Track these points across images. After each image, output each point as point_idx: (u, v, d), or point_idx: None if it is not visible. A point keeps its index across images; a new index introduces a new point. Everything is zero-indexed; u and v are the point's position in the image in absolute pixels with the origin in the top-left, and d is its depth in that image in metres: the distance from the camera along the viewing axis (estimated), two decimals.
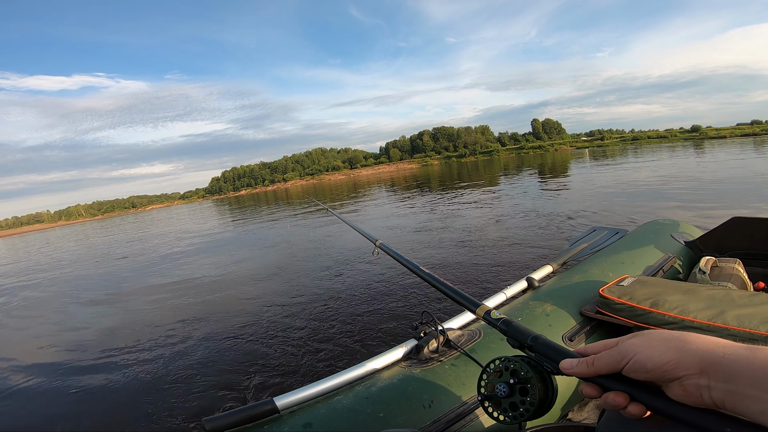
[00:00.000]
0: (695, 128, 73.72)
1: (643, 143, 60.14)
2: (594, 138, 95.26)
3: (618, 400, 0.44)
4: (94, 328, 4.40)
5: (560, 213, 6.90)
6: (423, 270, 1.07)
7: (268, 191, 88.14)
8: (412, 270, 1.14)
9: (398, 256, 1.28)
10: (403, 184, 25.15)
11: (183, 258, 8.44)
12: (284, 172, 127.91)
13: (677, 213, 5.75)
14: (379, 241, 1.63)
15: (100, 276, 8.12)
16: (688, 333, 0.43)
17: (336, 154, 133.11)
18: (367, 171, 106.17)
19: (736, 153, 16.69)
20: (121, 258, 10.44)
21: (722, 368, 0.37)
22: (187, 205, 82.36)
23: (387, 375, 1.09)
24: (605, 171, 15.09)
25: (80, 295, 6.45)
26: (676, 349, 0.41)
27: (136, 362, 3.19)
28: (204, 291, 5.22)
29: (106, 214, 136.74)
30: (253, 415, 0.93)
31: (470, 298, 0.86)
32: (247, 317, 3.80)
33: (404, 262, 1.22)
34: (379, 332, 2.97)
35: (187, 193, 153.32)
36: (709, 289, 1.24)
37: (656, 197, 7.50)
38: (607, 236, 2.08)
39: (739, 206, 5.80)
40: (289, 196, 37.14)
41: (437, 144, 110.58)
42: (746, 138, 40.43)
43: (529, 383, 0.57)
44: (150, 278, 6.83)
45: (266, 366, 2.73)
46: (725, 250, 1.82)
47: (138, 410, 2.45)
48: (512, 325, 0.66)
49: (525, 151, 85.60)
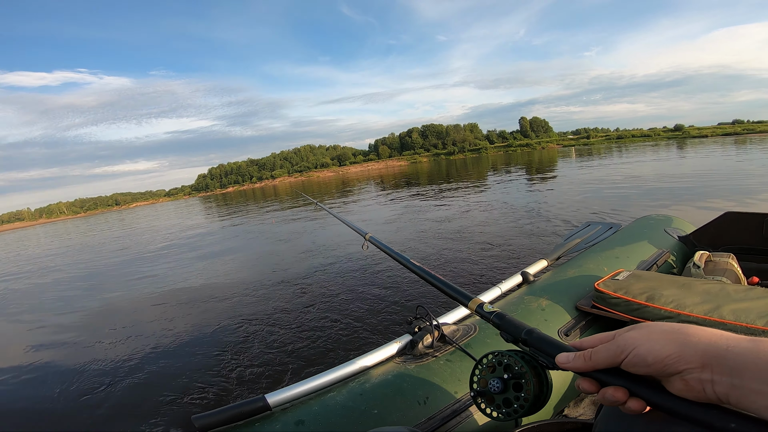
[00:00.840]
0: (678, 127, 75.26)
1: (628, 142, 61.14)
2: (580, 136, 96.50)
3: (617, 396, 0.43)
4: (73, 326, 4.29)
5: (547, 209, 6.97)
6: (413, 263, 1.05)
7: (256, 188, 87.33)
8: (402, 263, 1.12)
9: (388, 249, 1.26)
10: (393, 181, 25.16)
11: (170, 255, 8.30)
12: (272, 169, 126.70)
13: (658, 209, 5.85)
14: (369, 234, 1.61)
15: (80, 277, 7.94)
16: (690, 325, 0.41)
17: (325, 151, 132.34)
18: (356, 168, 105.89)
19: (713, 151, 17.10)
20: (115, 251, 10.22)
21: (726, 362, 0.36)
22: (173, 203, 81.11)
23: (381, 371, 1.07)
24: (591, 169, 15.32)
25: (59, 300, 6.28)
26: (677, 341, 0.39)
27: (121, 361, 3.12)
28: (190, 289, 5.14)
29: (89, 212, 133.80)
30: (243, 412, 0.90)
31: (462, 291, 0.84)
32: (236, 315, 3.75)
33: (394, 255, 1.20)
34: (373, 327, 2.96)
35: (173, 190, 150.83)
36: (704, 283, 1.24)
37: (641, 194, 7.65)
38: (601, 231, 2.09)
39: (716, 200, 5.94)
40: (277, 193, 36.86)
41: (426, 141, 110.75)
42: (728, 137, 41.44)
43: (523, 378, 0.55)
44: (133, 276, 6.69)
45: (256, 363, 2.70)
46: (719, 245, 1.84)
47: (126, 409, 2.41)
48: (505, 318, 0.64)
49: (513, 149, 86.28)
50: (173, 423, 2.18)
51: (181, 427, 2.14)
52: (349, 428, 0.88)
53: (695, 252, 1.63)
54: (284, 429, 0.87)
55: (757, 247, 1.76)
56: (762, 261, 1.75)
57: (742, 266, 1.60)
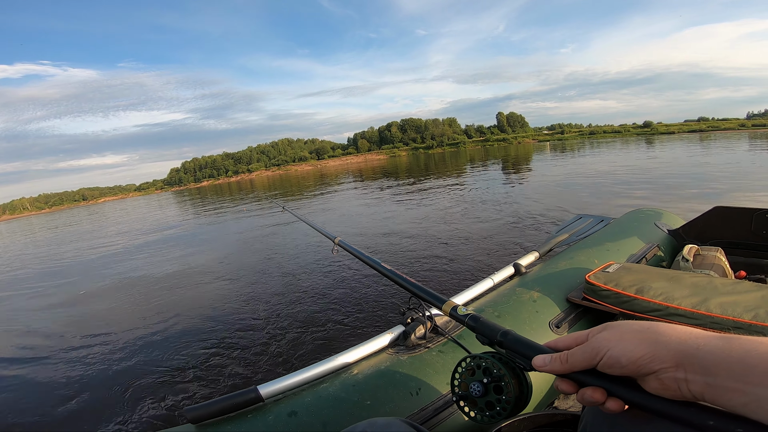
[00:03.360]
0: (647, 124, 78.16)
1: (599, 137, 63.17)
2: (555, 132, 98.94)
3: (595, 396, 0.43)
4: (56, 325, 4.11)
5: (525, 203, 7.11)
6: (384, 266, 1.04)
7: (232, 182, 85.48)
8: (373, 267, 1.12)
9: (358, 253, 1.25)
10: (371, 175, 25.10)
11: (149, 249, 8.02)
12: (249, 162, 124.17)
13: (635, 201, 6.07)
14: (338, 238, 1.60)
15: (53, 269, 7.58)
16: (661, 323, 0.41)
17: (303, 145, 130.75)
18: (335, 162, 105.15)
19: (678, 147, 17.88)
20: (88, 248, 9.80)
21: (698, 360, 0.36)
22: (144, 197, 78.47)
23: (374, 362, 1.06)
24: (565, 163, 15.75)
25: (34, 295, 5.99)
26: (649, 341, 0.39)
27: (110, 354, 3.06)
28: (175, 282, 4.99)
29: (54, 207, 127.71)
30: (236, 403, 0.89)
31: (435, 294, 0.83)
32: (228, 307, 3.70)
33: (365, 260, 1.19)
34: (365, 318, 2.96)
35: (144, 184, 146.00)
36: (692, 276, 1.26)
37: (615, 187, 7.93)
38: (592, 224, 2.11)
39: (688, 194, 6.23)
40: (254, 187, 36.17)
41: (405, 135, 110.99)
42: (693, 134, 43.30)
43: (502, 381, 0.55)
44: (110, 272, 6.44)
45: (248, 355, 2.68)
46: (707, 239, 1.87)
47: (118, 402, 2.37)
48: (480, 321, 0.63)
49: (490, 144, 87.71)
50: (166, 415, 2.15)
51: (173, 418, 2.11)
52: (342, 419, 0.88)
53: (684, 245, 1.64)
54: (277, 420, 0.86)
55: (745, 242, 1.79)
56: (750, 255, 1.79)
57: (729, 260, 1.63)
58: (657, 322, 0.42)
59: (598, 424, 0.51)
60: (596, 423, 0.51)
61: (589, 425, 0.53)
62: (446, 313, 0.74)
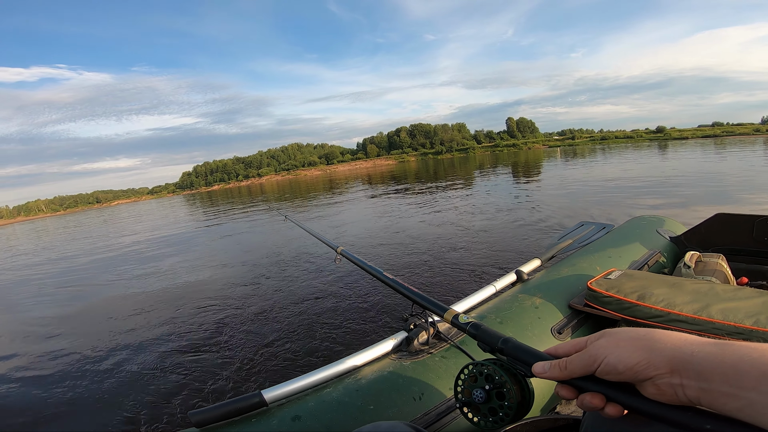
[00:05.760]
0: (660, 129, 76.97)
1: (611, 143, 62.47)
2: (565, 137, 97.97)
3: (595, 402, 0.44)
4: (57, 326, 4.19)
5: (537, 208, 7.07)
6: (386, 275, 1.05)
7: (242, 186, 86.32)
8: (376, 276, 1.13)
9: (361, 263, 1.26)
10: (381, 180, 25.15)
11: (158, 252, 8.14)
12: (259, 167, 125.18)
13: (645, 209, 5.99)
14: (341, 248, 1.61)
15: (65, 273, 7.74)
16: (656, 330, 0.42)
17: (312, 150, 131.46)
18: (344, 167, 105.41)
19: (695, 153, 17.58)
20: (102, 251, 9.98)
21: (693, 366, 0.37)
22: (157, 201, 79.56)
23: (377, 367, 1.07)
24: (577, 169, 15.59)
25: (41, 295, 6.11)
26: (644, 348, 0.41)
27: (114, 358, 3.08)
28: (182, 286, 5.06)
29: (69, 210, 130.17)
30: (240, 408, 0.90)
31: (436, 302, 0.85)
32: (231, 312, 3.72)
33: (367, 269, 1.20)
34: (369, 324, 2.97)
35: (156, 188, 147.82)
36: (694, 283, 1.26)
37: (625, 193, 7.82)
38: (594, 231, 2.11)
39: (700, 203, 6.12)
40: (264, 191, 36.46)
41: (414, 141, 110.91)
42: (707, 139, 42.59)
43: (504, 387, 0.56)
44: (120, 276, 6.56)
45: (252, 360, 2.69)
46: (709, 246, 1.87)
47: (121, 406, 2.38)
48: (481, 328, 0.65)
49: (500, 149, 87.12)
50: (170, 419, 2.16)
51: (177, 422, 2.12)
52: (345, 424, 0.88)
53: (686, 252, 1.64)
54: (280, 424, 0.88)
55: (746, 249, 1.79)
56: (751, 262, 1.78)
57: (731, 267, 1.62)
58: (653, 329, 0.43)
59: (598, 428, 0.51)
60: (596, 427, 0.52)
61: (589, 429, 0.54)
62: (448, 321, 0.76)
